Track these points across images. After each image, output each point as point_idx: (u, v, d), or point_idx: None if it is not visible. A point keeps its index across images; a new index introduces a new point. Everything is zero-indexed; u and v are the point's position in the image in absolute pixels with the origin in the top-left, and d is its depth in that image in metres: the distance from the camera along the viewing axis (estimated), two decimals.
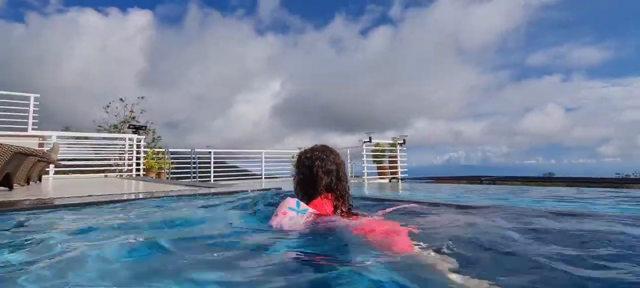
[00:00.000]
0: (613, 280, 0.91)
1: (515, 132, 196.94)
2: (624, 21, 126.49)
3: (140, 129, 8.56)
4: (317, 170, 1.57)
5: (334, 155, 1.65)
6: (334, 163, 1.61)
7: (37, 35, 24.86)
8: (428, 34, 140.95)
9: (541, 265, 0.96)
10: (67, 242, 1.27)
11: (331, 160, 1.61)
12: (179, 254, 1.11)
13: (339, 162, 1.64)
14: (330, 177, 1.57)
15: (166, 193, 2.88)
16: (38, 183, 5.01)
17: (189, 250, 1.18)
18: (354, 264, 0.97)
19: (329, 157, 1.61)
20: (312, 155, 1.62)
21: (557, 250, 1.09)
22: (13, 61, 18.75)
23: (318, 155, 1.62)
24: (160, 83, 74.22)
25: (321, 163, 1.58)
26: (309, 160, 1.62)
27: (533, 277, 0.90)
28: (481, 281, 0.86)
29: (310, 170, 1.59)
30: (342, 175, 1.61)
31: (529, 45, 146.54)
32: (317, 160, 1.59)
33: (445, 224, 1.67)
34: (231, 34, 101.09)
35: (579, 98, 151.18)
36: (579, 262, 0.98)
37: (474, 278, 0.87)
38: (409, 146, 8.58)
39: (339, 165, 1.62)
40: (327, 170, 1.57)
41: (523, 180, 6.98)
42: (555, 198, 3.14)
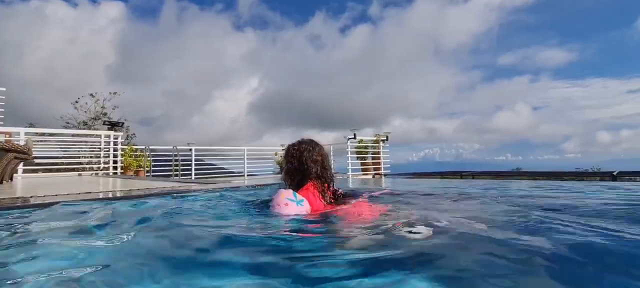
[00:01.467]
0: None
1: (487, 129, 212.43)
2: (589, 25, 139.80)
3: (116, 125, 8.20)
4: (307, 160, 1.77)
5: (319, 147, 1.86)
6: (319, 154, 1.82)
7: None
8: (406, 34, 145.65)
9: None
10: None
11: (317, 152, 1.81)
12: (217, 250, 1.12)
13: (324, 153, 1.86)
14: (317, 166, 1.77)
15: (187, 189, 2.83)
16: (10, 182, 4.69)
17: (225, 246, 1.17)
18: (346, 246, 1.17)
19: (315, 149, 1.82)
20: (300, 147, 1.82)
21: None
22: None
23: (306, 147, 1.82)
24: (133, 78, 70.81)
25: (309, 154, 1.78)
26: (298, 152, 1.81)
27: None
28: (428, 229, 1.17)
29: (300, 160, 1.79)
30: (326, 165, 1.82)
31: (500, 47, 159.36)
32: (305, 151, 1.80)
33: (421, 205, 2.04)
34: (209, 29, 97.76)
35: (545, 97, 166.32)
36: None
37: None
38: (388, 143, 8.85)
39: (324, 156, 1.84)
40: (314, 160, 1.77)
41: (497, 175, 7.42)
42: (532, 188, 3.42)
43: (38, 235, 1.39)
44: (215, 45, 49.98)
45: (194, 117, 63.16)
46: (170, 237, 1.25)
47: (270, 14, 59.63)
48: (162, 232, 1.28)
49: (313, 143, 1.87)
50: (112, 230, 1.45)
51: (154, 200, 2.36)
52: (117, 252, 1.11)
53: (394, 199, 2.17)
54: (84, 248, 1.17)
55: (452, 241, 1.11)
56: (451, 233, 1.19)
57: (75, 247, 1.21)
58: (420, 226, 1.23)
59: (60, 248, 1.17)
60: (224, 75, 63.63)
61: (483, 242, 1.12)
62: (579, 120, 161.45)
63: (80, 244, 1.24)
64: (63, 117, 11.72)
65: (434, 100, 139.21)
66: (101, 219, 1.67)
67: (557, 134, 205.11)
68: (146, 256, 1.04)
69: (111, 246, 1.18)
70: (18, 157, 3.95)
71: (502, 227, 1.37)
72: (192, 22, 41.05)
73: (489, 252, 0.97)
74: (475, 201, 2.16)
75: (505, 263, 0.89)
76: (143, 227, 1.43)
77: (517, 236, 1.12)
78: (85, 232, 1.44)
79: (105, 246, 1.19)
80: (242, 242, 1.18)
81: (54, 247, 1.18)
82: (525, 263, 0.89)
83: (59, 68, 19.66)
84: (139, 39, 33.34)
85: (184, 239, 1.21)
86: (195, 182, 4.03)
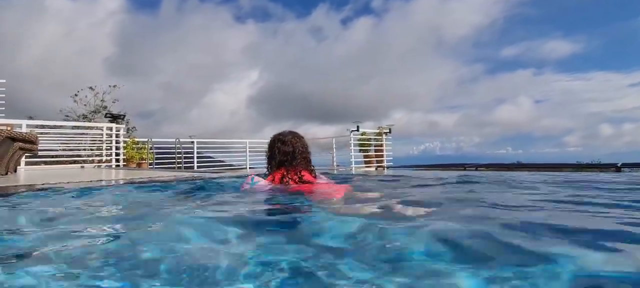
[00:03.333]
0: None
1: (487, 123, 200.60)
2: (593, 17, 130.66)
3: (118, 118, 8.15)
4: (274, 150, 2.00)
5: (295, 139, 2.02)
6: (291, 145, 1.98)
7: None
8: (408, 26, 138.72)
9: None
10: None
11: (288, 143, 1.98)
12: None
13: (296, 143, 2.00)
14: (287, 156, 1.96)
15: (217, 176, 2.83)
16: (14, 174, 4.67)
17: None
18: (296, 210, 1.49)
19: (287, 140, 2.00)
20: (275, 138, 2.04)
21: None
22: None
23: (279, 138, 2.02)
24: (132, 71, 69.02)
25: (281, 144, 1.99)
26: (272, 142, 2.04)
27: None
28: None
29: (270, 150, 2.03)
30: (297, 155, 1.97)
31: (504, 39, 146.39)
32: (278, 142, 2.01)
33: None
34: (209, 21, 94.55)
35: (547, 91, 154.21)
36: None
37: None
38: (391, 136, 8.85)
39: (295, 147, 1.99)
40: (283, 151, 1.97)
41: (499, 167, 7.45)
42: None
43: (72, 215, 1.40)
44: (215, 38, 49.77)
45: (194, 109, 62.49)
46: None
47: (271, 5, 58.99)
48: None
49: (289, 134, 2.04)
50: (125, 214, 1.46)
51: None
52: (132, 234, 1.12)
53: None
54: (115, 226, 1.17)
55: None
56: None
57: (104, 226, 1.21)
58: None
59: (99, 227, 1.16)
60: (224, 68, 62.80)
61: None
62: (580, 113, 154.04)
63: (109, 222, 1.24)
64: (62, 110, 11.66)
65: (434, 93, 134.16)
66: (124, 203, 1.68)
67: (558, 127, 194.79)
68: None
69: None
70: (23, 148, 3.92)
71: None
72: (193, 13, 40.92)
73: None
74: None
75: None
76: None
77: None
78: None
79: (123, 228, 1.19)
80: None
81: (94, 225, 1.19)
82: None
83: (56, 61, 19.43)
84: (138, 32, 33.17)
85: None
86: (212, 172, 4.03)
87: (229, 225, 1.11)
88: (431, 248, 0.84)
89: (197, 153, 8.82)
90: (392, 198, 1.69)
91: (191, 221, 1.20)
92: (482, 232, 0.95)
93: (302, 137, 2.10)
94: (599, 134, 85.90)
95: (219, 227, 1.10)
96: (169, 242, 0.93)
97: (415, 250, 0.83)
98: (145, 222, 1.27)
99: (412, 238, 0.92)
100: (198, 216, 1.35)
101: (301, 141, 2.05)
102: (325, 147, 9.59)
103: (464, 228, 1.00)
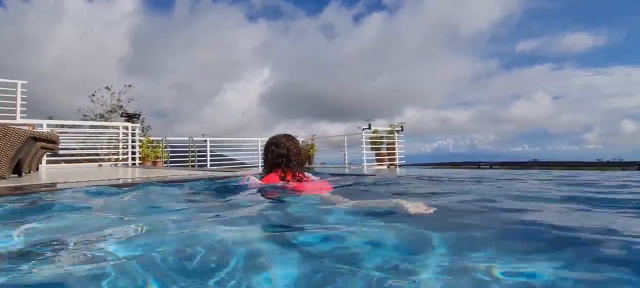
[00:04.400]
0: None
1: (503, 119, 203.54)
2: (617, 8, 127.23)
3: (134, 117, 8.34)
4: (269, 154, 2.11)
5: (289, 142, 2.11)
6: (285, 148, 2.08)
7: (16, 19, 23.75)
8: (422, 21, 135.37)
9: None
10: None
11: (282, 146, 2.08)
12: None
13: (290, 146, 2.10)
14: (281, 158, 2.06)
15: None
16: (36, 172, 4.83)
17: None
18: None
19: (281, 143, 2.10)
20: (270, 142, 2.15)
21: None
22: None
23: (273, 141, 2.12)
24: (147, 71, 71.14)
25: (275, 147, 2.09)
26: (267, 146, 2.15)
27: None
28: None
29: (265, 153, 2.16)
30: (291, 157, 2.07)
31: (521, 33, 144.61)
32: (272, 145, 2.12)
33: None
34: (221, 20, 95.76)
35: (566, 86, 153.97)
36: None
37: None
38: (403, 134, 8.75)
39: (289, 149, 2.08)
40: (277, 153, 2.07)
41: (514, 165, 7.29)
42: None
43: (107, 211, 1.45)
44: (228, 37, 50.56)
45: (206, 108, 64.17)
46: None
47: (283, 3, 59.20)
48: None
49: (283, 138, 2.14)
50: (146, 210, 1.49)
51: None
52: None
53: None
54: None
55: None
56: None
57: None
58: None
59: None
60: (235, 67, 63.96)
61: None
62: (601, 109, 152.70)
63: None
64: (80, 110, 11.98)
65: (448, 89, 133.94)
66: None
67: (577, 123, 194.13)
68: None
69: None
70: (45, 147, 4.05)
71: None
72: (205, 13, 41.54)
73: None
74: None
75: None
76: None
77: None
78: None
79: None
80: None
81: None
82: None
83: (74, 62, 19.99)
84: (152, 32, 34.00)
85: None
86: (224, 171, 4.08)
87: (240, 221, 1.25)
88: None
89: (210, 152, 8.95)
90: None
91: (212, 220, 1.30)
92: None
93: (296, 140, 2.20)
94: (620, 131, 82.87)
95: (230, 222, 1.23)
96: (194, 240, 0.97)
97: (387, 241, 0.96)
98: (181, 219, 1.33)
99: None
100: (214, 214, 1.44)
101: (294, 143, 2.15)
102: (337, 145, 9.59)
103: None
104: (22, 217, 1.42)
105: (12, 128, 2.67)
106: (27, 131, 2.92)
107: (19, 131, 2.84)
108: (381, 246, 0.89)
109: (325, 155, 9.86)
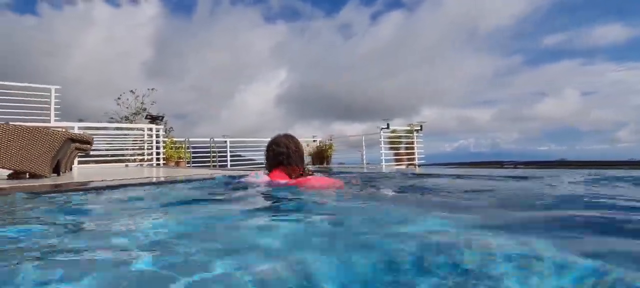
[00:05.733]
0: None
1: (527, 117, 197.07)
2: None
3: (157, 119, 8.62)
4: (270, 152, 2.26)
5: (288, 140, 2.26)
6: (285, 146, 2.21)
7: (48, 27, 25.81)
8: (442, 18, 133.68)
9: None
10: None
11: (282, 145, 2.22)
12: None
13: (290, 144, 2.24)
14: (281, 156, 2.20)
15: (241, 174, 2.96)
16: (70, 172, 5.10)
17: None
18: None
19: (281, 143, 2.24)
20: (270, 143, 2.29)
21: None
22: (25, 53, 19.84)
23: (274, 141, 2.27)
24: (167, 74, 75.62)
25: (276, 146, 2.23)
26: (268, 146, 2.30)
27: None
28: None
29: (267, 152, 2.29)
30: (292, 154, 2.21)
31: (547, 27, 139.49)
32: (272, 145, 2.26)
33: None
34: (239, 23, 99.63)
35: (597, 81, 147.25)
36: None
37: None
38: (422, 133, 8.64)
39: (289, 147, 2.23)
40: (278, 152, 2.21)
41: (540, 165, 7.07)
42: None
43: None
44: (245, 39, 51.63)
45: (225, 110, 66.05)
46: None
47: (300, 4, 59.97)
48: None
49: (284, 137, 2.29)
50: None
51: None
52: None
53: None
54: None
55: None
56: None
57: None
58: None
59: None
60: (254, 68, 65.23)
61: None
62: (634, 105, 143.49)
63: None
64: (107, 112, 12.48)
65: (469, 87, 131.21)
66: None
67: (608, 121, 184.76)
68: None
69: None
70: (79, 148, 4.27)
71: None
72: (224, 16, 42.35)
73: None
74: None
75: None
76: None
77: None
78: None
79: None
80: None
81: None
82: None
83: (100, 66, 20.91)
84: (173, 36, 35.01)
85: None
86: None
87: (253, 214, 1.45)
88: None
89: (230, 152, 9.14)
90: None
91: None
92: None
93: (295, 138, 2.34)
94: None
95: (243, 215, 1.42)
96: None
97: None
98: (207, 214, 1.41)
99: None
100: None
101: (294, 142, 2.29)
102: (355, 145, 9.58)
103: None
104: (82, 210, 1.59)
105: (53, 130, 2.84)
106: (66, 133, 3.09)
107: (59, 133, 3.02)
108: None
109: (343, 155, 9.88)
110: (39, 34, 16.29)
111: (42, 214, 1.47)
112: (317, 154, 9.14)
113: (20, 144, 2.80)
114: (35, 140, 2.84)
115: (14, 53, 16.03)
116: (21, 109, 6.77)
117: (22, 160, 2.83)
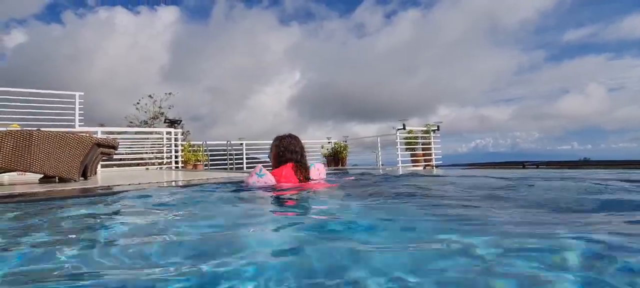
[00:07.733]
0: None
1: (548, 115, 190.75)
2: None
3: (175, 122, 8.81)
4: (280, 150, 2.46)
5: (296, 140, 2.52)
6: (297, 145, 2.48)
7: (72, 35, 27.64)
8: (459, 14, 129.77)
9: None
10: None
11: (294, 143, 2.48)
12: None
13: (299, 143, 2.51)
14: (295, 155, 2.43)
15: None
16: (95, 175, 5.25)
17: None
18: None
19: (293, 141, 2.49)
20: (280, 139, 2.53)
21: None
22: (50, 60, 21.60)
23: (285, 138, 2.51)
24: (184, 77, 77.99)
25: (288, 143, 2.47)
26: (278, 142, 2.53)
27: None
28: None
29: (277, 149, 2.50)
30: (303, 154, 2.49)
31: (572, 20, 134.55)
32: (283, 140, 2.49)
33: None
34: (255, 26, 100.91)
35: (624, 77, 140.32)
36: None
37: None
38: (439, 133, 8.50)
39: (301, 146, 2.51)
40: (290, 149, 2.44)
41: (563, 165, 6.84)
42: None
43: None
44: (260, 41, 52.58)
45: (240, 112, 67.52)
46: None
47: (314, 5, 60.66)
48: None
49: (287, 137, 2.52)
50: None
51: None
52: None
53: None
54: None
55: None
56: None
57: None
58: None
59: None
60: (268, 70, 66.34)
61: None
62: None
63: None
64: (127, 117, 12.84)
65: (487, 85, 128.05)
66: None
67: (636, 118, 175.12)
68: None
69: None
70: (104, 152, 4.40)
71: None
72: (240, 19, 43.19)
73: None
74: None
75: None
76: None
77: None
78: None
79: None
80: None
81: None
82: None
83: (121, 72, 21.59)
84: (190, 40, 35.96)
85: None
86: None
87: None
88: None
89: (246, 155, 9.24)
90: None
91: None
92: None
93: (297, 138, 2.56)
94: None
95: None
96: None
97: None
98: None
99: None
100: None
101: (295, 141, 2.52)
102: (370, 146, 9.52)
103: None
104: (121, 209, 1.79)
105: (82, 136, 2.93)
106: (93, 138, 3.19)
107: (87, 138, 3.12)
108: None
109: (357, 157, 9.83)
110: (63, 41, 17.10)
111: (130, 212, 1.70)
112: (332, 156, 9.13)
113: (52, 149, 2.90)
114: (65, 146, 2.94)
115: (41, 62, 16.97)
116: (48, 114, 7.04)
117: (53, 165, 2.93)
